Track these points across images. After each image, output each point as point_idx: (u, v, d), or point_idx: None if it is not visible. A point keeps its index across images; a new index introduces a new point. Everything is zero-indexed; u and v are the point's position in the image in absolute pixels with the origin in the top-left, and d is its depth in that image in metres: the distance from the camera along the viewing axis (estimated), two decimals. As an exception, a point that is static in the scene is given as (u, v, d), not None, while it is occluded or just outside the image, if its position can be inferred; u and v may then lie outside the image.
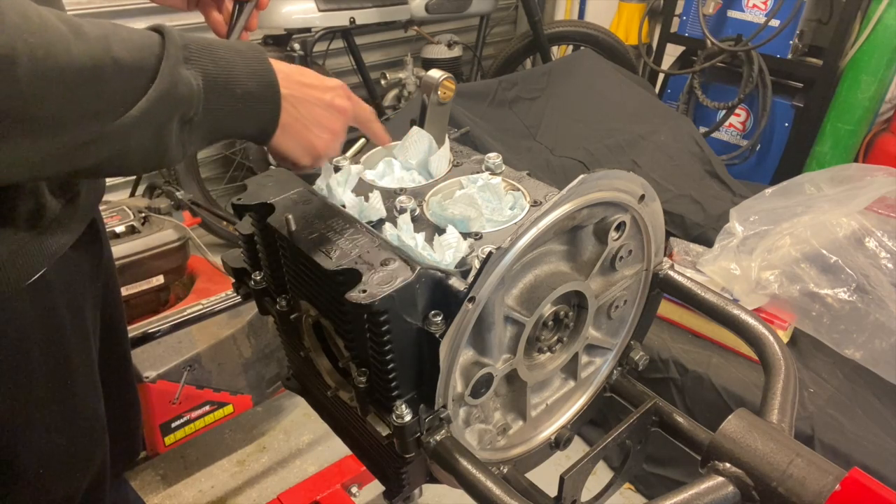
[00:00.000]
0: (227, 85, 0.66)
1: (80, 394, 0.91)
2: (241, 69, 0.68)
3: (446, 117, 0.96)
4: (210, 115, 0.66)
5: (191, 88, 0.62)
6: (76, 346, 0.88)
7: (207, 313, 1.75)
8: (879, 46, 2.69)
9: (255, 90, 0.69)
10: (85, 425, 0.93)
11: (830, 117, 2.90)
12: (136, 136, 0.61)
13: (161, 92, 0.60)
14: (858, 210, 1.85)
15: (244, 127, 0.71)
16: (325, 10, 2.82)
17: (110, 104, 0.58)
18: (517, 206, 0.84)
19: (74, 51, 0.54)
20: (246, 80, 0.68)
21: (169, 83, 0.60)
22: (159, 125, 0.62)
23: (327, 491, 1.68)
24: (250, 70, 0.68)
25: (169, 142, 0.63)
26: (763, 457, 0.63)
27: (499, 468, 0.85)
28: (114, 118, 0.58)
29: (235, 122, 0.69)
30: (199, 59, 0.64)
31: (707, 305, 0.87)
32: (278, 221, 0.79)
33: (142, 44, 0.60)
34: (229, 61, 0.67)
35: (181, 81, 0.61)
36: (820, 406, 1.67)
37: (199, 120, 0.65)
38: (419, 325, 0.70)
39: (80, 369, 0.89)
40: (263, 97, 0.70)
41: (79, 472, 0.94)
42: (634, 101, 2.74)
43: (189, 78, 0.62)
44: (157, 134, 0.62)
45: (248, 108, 0.69)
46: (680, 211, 2.28)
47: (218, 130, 0.69)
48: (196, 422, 1.83)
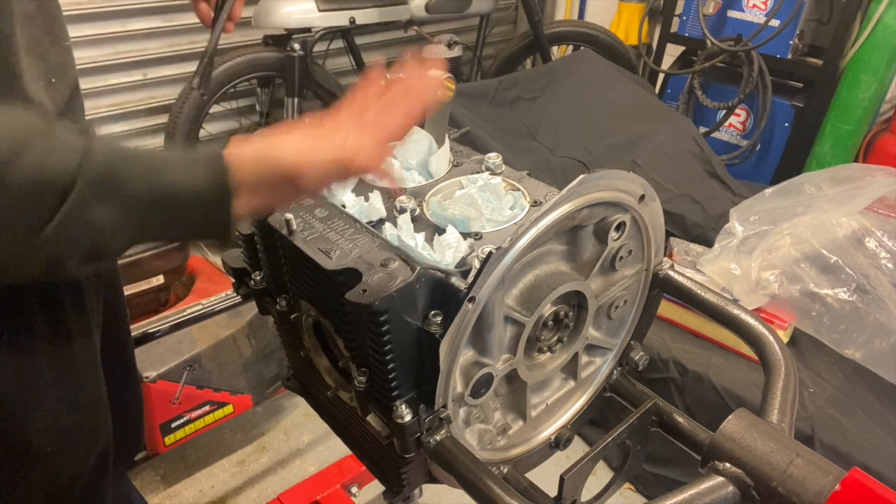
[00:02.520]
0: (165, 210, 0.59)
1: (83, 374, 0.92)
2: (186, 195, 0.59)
3: (446, 117, 0.96)
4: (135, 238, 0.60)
5: (97, 231, 0.56)
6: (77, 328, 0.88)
7: (207, 313, 1.75)
8: (879, 46, 2.69)
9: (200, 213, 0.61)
10: (89, 405, 0.94)
11: (830, 117, 2.90)
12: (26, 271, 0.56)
13: (58, 231, 0.54)
14: (858, 210, 1.85)
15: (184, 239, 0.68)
16: (325, 10, 2.82)
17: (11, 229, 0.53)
18: (517, 206, 0.84)
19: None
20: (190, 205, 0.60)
21: (68, 224, 0.54)
22: (53, 260, 0.56)
23: (327, 491, 1.68)
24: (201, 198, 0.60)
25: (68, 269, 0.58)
26: (763, 457, 0.63)
27: (499, 468, 0.85)
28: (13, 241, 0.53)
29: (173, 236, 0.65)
30: (124, 189, 0.56)
31: (707, 305, 0.87)
32: (278, 221, 0.80)
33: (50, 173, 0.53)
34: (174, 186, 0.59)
35: (83, 225, 0.55)
36: (820, 406, 1.67)
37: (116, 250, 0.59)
38: (419, 325, 0.70)
39: (82, 351, 0.90)
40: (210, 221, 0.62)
41: (85, 451, 0.96)
42: (634, 101, 2.74)
43: (97, 220, 0.55)
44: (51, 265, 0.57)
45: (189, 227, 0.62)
46: (680, 211, 2.28)
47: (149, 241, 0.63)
48: (196, 422, 1.84)
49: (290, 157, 0.63)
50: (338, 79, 3.21)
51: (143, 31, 2.86)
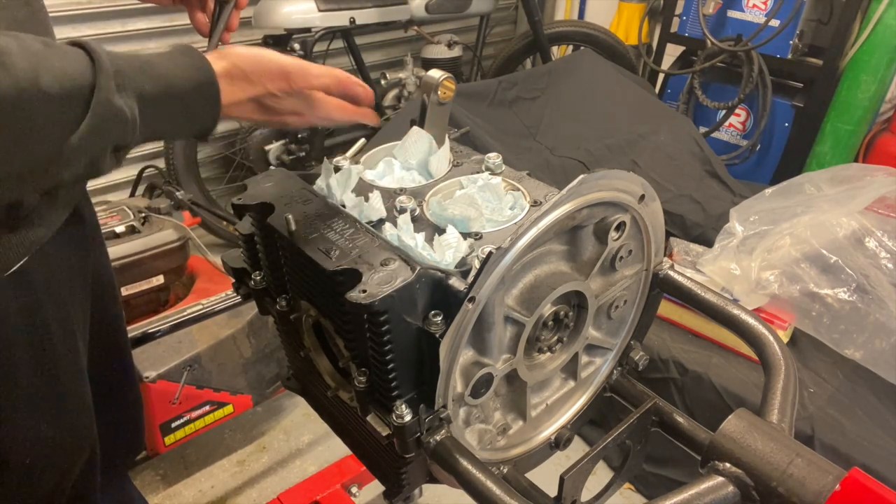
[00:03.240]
0: (166, 103, 0.65)
1: (66, 385, 0.91)
2: (181, 83, 0.66)
3: (446, 117, 0.96)
4: (147, 131, 0.64)
5: (125, 119, 0.61)
6: (60, 338, 0.88)
7: (207, 313, 1.76)
8: (879, 46, 2.69)
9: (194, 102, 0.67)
10: (71, 416, 0.94)
11: (830, 117, 2.90)
12: (70, 169, 0.59)
13: (93, 126, 0.58)
14: (858, 210, 1.85)
15: (183, 133, 0.71)
16: (325, 10, 2.82)
17: (39, 138, 0.56)
18: (517, 206, 0.84)
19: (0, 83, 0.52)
20: (183, 94, 0.66)
21: (101, 116, 0.58)
22: (92, 157, 0.60)
23: (327, 491, 1.68)
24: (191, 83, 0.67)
25: (101, 168, 0.62)
26: (763, 457, 0.63)
27: (499, 468, 0.85)
28: (44, 152, 0.56)
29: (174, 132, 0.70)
30: (133, 83, 0.62)
31: (707, 305, 0.87)
32: (278, 221, 0.79)
33: (73, 74, 0.57)
34: (168, 78, 0.65)
35: (115, 113, 0.59)
36: (820, 406, 1.67)
37: (135, 142, 0.64)
38: (419, 325, 0.70)
39: (65, 360, 0.90)
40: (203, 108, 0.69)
41: (67, 462, 0.95)
42: (634, 101, 2.74)
43: (123, 108, 0.60)
44: (89, 163, 0.61)
45: (188, 120, 0.68)
46: (680, 211, 2.28)
47: (152, 138, 0.68)
48: (196, 422, 1.84)
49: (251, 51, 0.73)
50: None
51: (143, 31, 2.86)
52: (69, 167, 0.59)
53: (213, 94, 0.68)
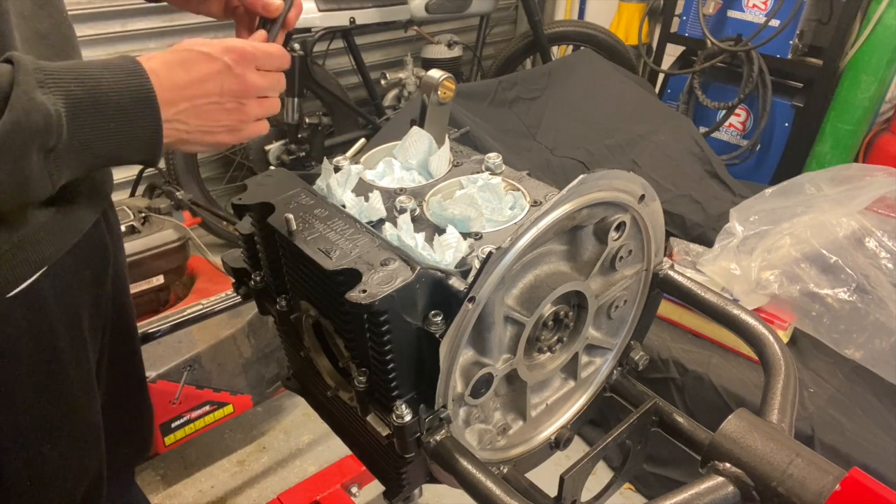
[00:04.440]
0: (96, 106, 0.61)
1: (73, 403, 0.89)
2: (110, 86, 0.62)
3: (446, 117, 0.96)
4: (78, 141, 0.61)
5: (48, 115, 0.58)
6: (70, 354, 0.86)
7: (207, 313, 1.75)
8: (879, 46, 2.69)
9: (129, 108, 0.63)
10: (78, 436, 0.91)
11: (830, 117, 2.90)
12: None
13: (12, 122, 0.55)
14: (858, 210, 1.85)
15: (124, 151, 0.66)
16: (325, 10, 2.82)
17: None
18: (517, 206, 0.84)
19: None
20: (117, 98, 0.62)
21: (21, 111, 0.56)
22: (15, 158, 0.57)
23: (327, 491, 1.68)
24: (122, 86, 0.63)
25: (30, 175, 0.59)
26: (763, 457, 0.63)
27: (499, 468, 0.85)
28: None
29: (111, 147, 0.64)
30: (58, 82, 0.59)
31: (707, 305, 0.87)
32: (278, 221, 0.79)
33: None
34: (96, 79, 0.61)
35: (35, 109, 0.57)
36: (820, 406, 1.67)
37: (65, 147, 0.60)
38: (419, 325, 0.70)
39: (74, 378, 0.87)
40: (140, 115, 0.64)
41: (71, 482, 0.93)
42: (634, 101, 2.74)
43: (45, 104, 0.57)
44: (14, 168, 0.57)
45: (125, 130, 0.64)
46: (680, 211, 2.28)
47: (91, 157, 0.63)
48: (196, 422, 1.84)
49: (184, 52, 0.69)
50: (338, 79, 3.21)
51: (143, 32, 2.86)
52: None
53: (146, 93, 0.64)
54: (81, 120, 0.60)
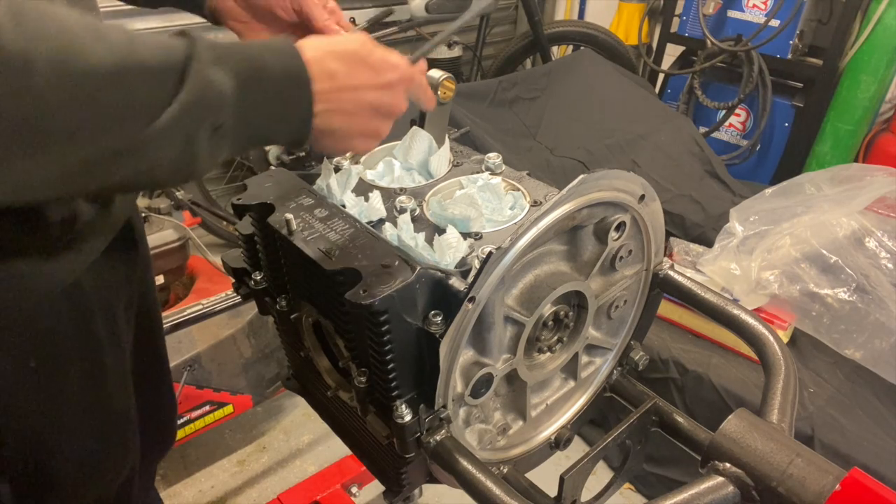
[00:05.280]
0: (260, 85, 0.61)
1: (113, 398, 0.90)
2: (272, 67, 0.62)
3: (446, 117, 0.96)
4: (242, 120, 0.61)
5: (222, 92, 0.58)
6: (109, 350, 0.87)
7: (207, 313, 1.75)
8: (879, 46, 2.69)
9: (287, 91, 0.63)
10: (117, 430, 0.92)
11: (830, 117, 2.90)
12: (165, 148, 0.56)
13: (191, 97, 0.55)
14: (858, 210, 1.85)
15: (277, 132, 0.66)
16: (325, 10, 2.82)
17: (136, 111, 0.53)
18: (517, 206, 0.84)
19: (96, 54, 0.50)
20: (277, 80, 0.62)
21: (199, 87, 0.55)
22: (189, 134, 0.57)
23: (327, 491, 1.68)
24: (282, 69, 0.63)
25: (199, 152, 0.58)
26: (763, 457, 0.63)
27: (499, 468, 0.85)
28: (140, 127, 0.53)
29: (268, 127, 0.64)
30: (229, 59, 0.59)
31: (707, 305, 0.87)
32: (278, 221, 0.79)
33: (168, 46, 0.55)
34: (262, 60, 0.61)
35: (212, 85, 0.57)
36: (820, 406, 1.67)
37: (230, 126, 0.60)
38: (419, 325, 0.70)
39: (113, 373, 0.88)
40: (296, 100, 0.64)
41: (110, 476, 0.94)
42: (634, 101, 2.74)
43: (220, 80, 0.57)
44: (186, 144, 0.57)
45: (281, 112, 0.64)
46: (680, 211, 2.28)
47: (249, 136, 0.64)
48: (196, 422, 1.83)
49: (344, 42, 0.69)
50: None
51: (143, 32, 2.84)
52: (165, 146, 0.56)
53: (303, 78, 0.64)
54: (247, 99, 0.60)
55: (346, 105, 0.69)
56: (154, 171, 0.57)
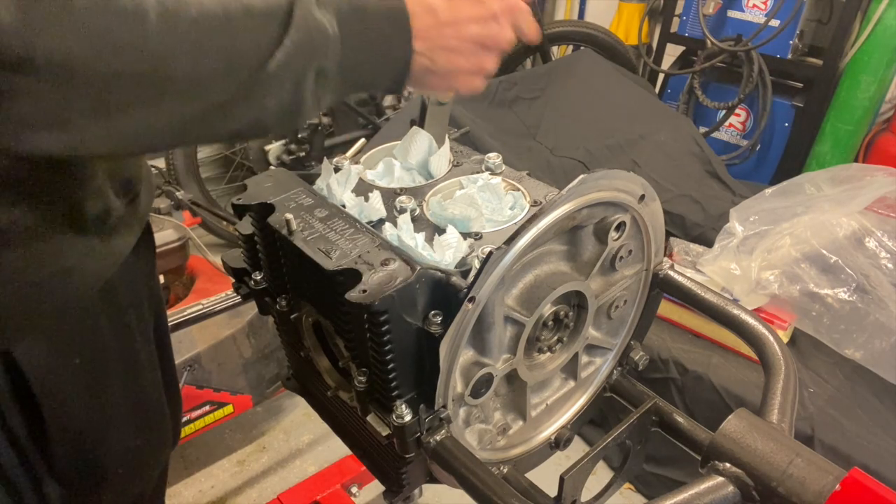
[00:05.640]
0: (362, 28, 0.60)
1: (148, 391, 0.91)
2: (374, 8, 0.61)
3: (446, 117, 0.96)
4: (345, 61, 0.60)
5: (326, 34, 0.57)
6: (141, 344, 0.87)
7: (207, 313, 1.75)
8: (879, 46, 2.69)
9: (388, 33, 0.62)
10: (154, 422, 0.94)
11: (830, 117, 2.90)
12: (275, 92, 0.56)
13: (298, 39, 0.55)
14: (858, 210, 1.85)
15: (377, 77, 0.65)
16: (325, 10, 2.82)
17: (246, 56, 0.53)
18: (517, 206, 0.84)
19: (204, 1, 0.50)
20: (378, 21, 0.61)
21: (304, 30, 0.55)
22: (297, 78, 0.57)
23: (327, 491, 1.68)
24: (383, 10, 0.62)
25: (305, 96, 0.59)
26: (763, 457, 0.63)
27: (499, 468, 0.85)
28: (251, 72, 0.54)
29: (369, 71, 0.63)
30: (331, 1, 0.58)
31: (707, 305, 0.87)
32: (278, 221, 0.79)
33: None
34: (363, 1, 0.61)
35: (317, 27, 0.56)
36: (820, 406, 1.67)
37: (334, 69, 0.60)
38: (419, 325, 0.70)
39: (146, 366, 0.89)
40: (396, 42, 0.63)
41: (151, 469, 0.95)
42: (634, 101, 2.74)
43: (324, 22, 0.57)
44: (295, 88, 0.57)
45: (382, 55, 0.63)
46: (680, 211, 2.28)
47: (352, 80, 0.63)
48: (196, 422, 1.83)
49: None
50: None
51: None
52: (275, 91, 0.56)
53: (403, 18, 0.62)
54: (350, 41, 0.60)
55: (450, 41, 0.67)
56: (263, 117, 0.57)
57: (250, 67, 0.54)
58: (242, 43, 0.53)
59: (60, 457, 0.78)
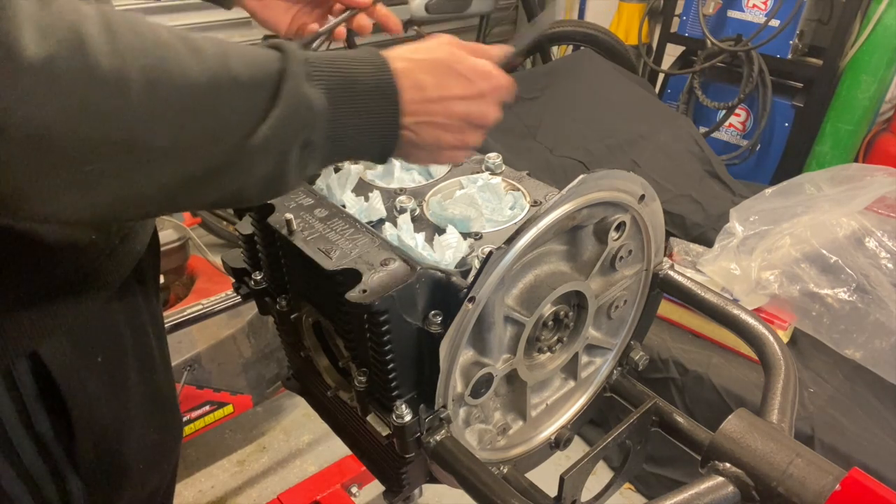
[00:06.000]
0: (350, 101, 0.60)
1: (162, 386, 0.92)
2: (363, 82, 0.61)
3: (446, 117, 0.95)
4: (332, 134, 0.60)
5: (314, 109, 0.57)
6: (155, 343, 0.88)
7: (207, 313, 1.75)
8: (879, 46, 2.69)
9: (376, 106, 0.62)
10: (168, 417, 0.95)
11: (830, 117, 2.90)
12: (259, 165, 0.55)
13: (285, 113, 0.54)
14: (858, 210, 1.85)
15: (363, 148, 0.64)
16: (325, 10, 2.82)
17: (231, 128, 0.52)
18: (517, 206, 0.84)
19: (191, 70, 0.49)
20: (367, 94, 0.61)
21: (292, 105, 0.55)
22: (282, 152, 0.56)
23: (327, 491, 1.68)
24: (372, 83, 0.61)
25: (289, 168, 0.58)
26: (763, 457, 0.63)
27: (499, 468, 0.85)
28: (235, 143, 0.52)
29: (354, 143, 0.63)
30: (322, 73, 0.58)
31: (707, 305, 0.87)
32: (278, 221, 0.79)
33: (262, 60, 0.55)
34: (353, 74, 0.60)
35: (305, 101, 0.56)
36: (820, 406, 1.67)
37: (320, 142, 0.59)
38: (419, 325, 0.70)
39: (160, 362, 0.90)
40: (384, 116, 0.63)
41: (167, 463, 0.97)
42: (634, 101, 2.74)
43: (313, 96, 0.56)
44: (278, 161, 0.56)
45: (368, 127, 0.62)
46: (680, 211, 2.28)
47: (337, 150, 0.62)
48: (196, 422, 1.84)
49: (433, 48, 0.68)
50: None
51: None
52: (258, 164, 0.55)
53: (392, 93, 0.62)
54: (337, 114, 0.59)
55: (437, 117, 0.67)
56: (246, 188, 0.57)
57: (234, 140, 0.53)
58: (227, 115, 0.52)
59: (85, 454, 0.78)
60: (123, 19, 0.47)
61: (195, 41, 0.51)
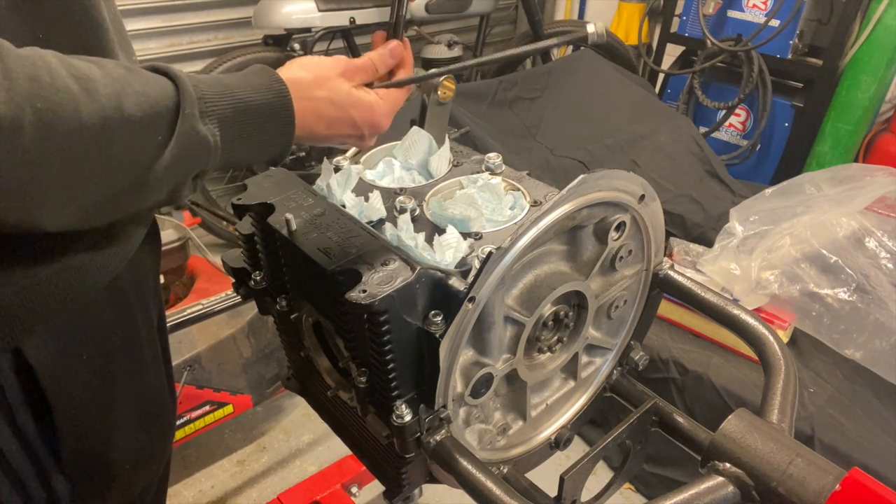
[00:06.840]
0: (242, 126, 0.64)
1: (152, 386, 0.92)
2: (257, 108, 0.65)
3: (446, 117, 0.96)
4: (225, 158, 0.64)
5: (208, 146, 0.60)
6: (146, 339, 0.88)
7: (207, 313, 1.75)
8: (879, 46, 2.69)
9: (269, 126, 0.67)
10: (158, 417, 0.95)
11: (830, 117, 2.90)
12: (152, 197, 0.59)
13: (178, 155, 0.57)
14: (858, 210, 1.85)
15: (256, 160, 0.70)
16: (325, 10, 2.82)
17: (124, 166, 0.55)
18: (517, 206, 0.84)
19: (83, 112, 0.51)
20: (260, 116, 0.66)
21: (186, 145, 0.58)
22: (176, 184, 0.60)
23: (327, 491, 1.68)
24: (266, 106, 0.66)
25: (182, 193, 0.63)
26: (763, 457, 0.63)
27: (499, 468, 0.85)
28: (127, 181, 0.56)
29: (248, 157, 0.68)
30: (216, 109, 0.61)
31: (707, 305, 0.87)
32: (278, 221, 0.80)
33: (156, 96, 0.57)
34: (247, 103, 0.65)
35: (199, 141, 0.59)
36: (820, 406, 1.67)
37: (214, 166, 0.64)
38: (419, 325, 0.70)
39: (150, 362, 0.90)
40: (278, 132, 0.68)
41: (156, 463, 0.96)
42: (634, 101, 2.74)
43: (207, 135, 0.60)
44: (172, 190, 0.61)
45: (261, 141, 0.68)
46: (680, 211, 2.28)
47: (229, 165, 0.67)
48: (196, 422, 1.83)
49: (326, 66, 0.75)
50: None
51: (144, 31, 2.86)
52: (152, 195, 0.59)
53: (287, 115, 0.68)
54: (231, 142, 0.63)
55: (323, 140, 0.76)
56: (141, 211, 0.61)
57: (128, 177, 0.56)
58: (121, 154, 0.55)
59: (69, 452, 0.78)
60: (23, 62, 0.49)
61: (92, 81, 0.53)
